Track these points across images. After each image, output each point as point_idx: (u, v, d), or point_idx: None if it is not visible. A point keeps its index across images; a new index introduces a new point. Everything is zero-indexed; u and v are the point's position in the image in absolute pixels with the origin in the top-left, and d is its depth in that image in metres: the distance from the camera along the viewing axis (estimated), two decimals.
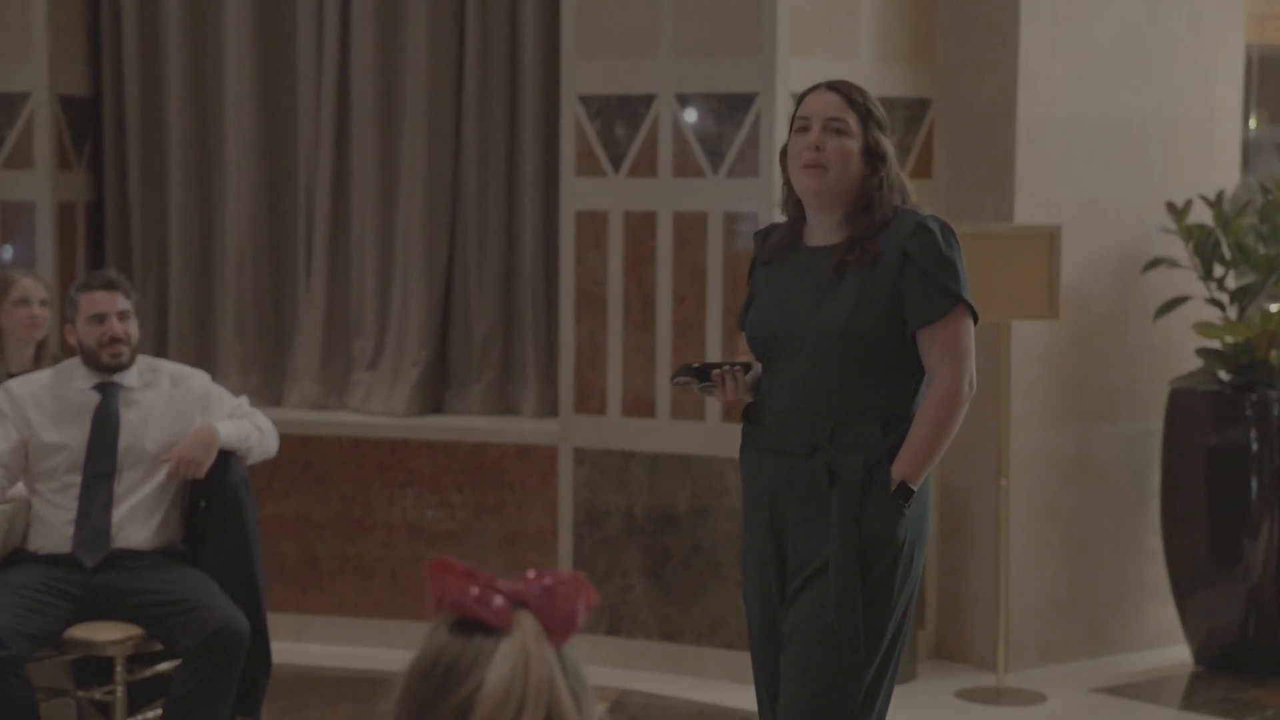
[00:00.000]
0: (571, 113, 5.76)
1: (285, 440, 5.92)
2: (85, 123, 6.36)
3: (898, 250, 3.34)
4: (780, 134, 5.53)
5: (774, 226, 3.58)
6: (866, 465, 3.32)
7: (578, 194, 5.76)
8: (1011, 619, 5.70)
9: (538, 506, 5.87)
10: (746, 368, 3.46)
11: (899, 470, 3.33)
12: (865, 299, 3.33)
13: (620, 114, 5.69)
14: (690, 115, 5.59)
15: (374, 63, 6.11)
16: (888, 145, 3.41)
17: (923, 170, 5.89)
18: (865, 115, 3.38)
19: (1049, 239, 5.51)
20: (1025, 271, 5.51)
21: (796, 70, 5.54)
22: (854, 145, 3.37)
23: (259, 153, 6.26)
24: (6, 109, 6.15)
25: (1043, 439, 5.86)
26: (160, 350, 6.31)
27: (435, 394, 6.19)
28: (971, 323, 3.39)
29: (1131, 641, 6.05)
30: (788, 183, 3.46)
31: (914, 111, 5.85)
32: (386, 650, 5.87)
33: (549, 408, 6.01)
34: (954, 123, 5.87)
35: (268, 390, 6.31)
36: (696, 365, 3.46)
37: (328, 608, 6.01)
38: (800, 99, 3.46)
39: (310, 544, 6.06)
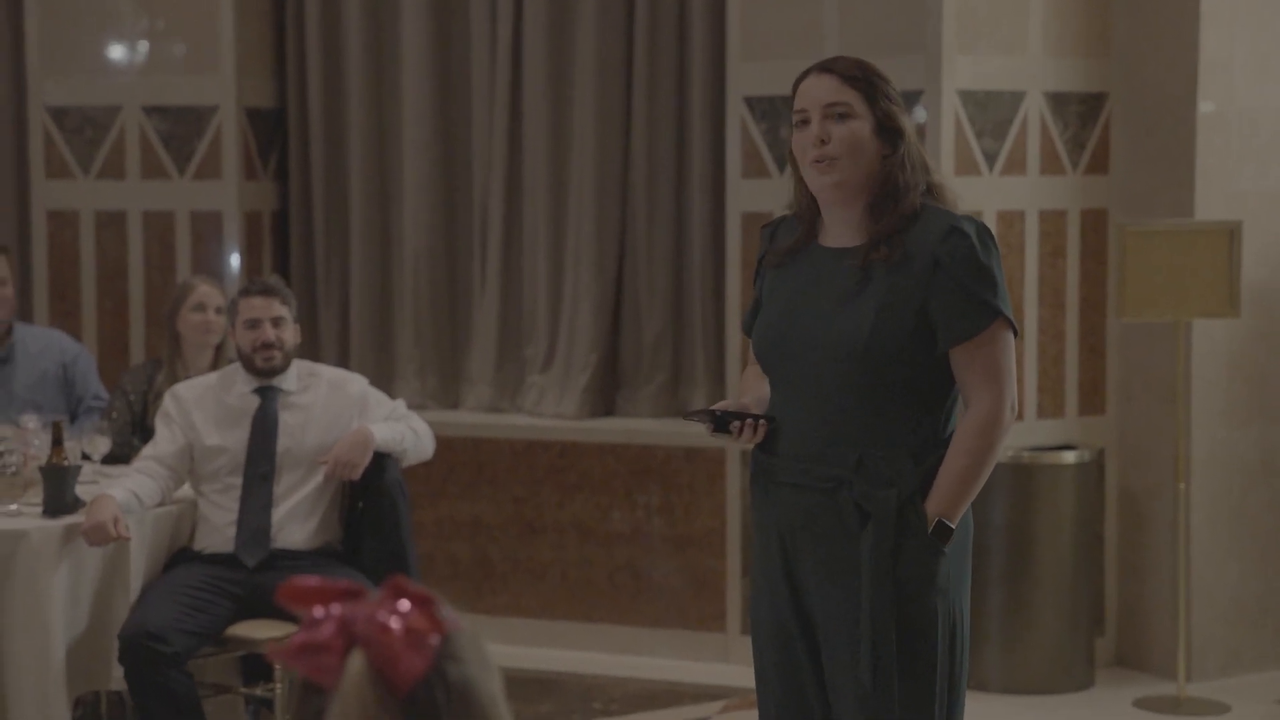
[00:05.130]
0: (737, 115, 5.75)
1: (459, 443, 6.05)
2: (271, 134, 6.55)
3: (929, 255, 2.97)
4: (946, 131, 5.45)
5: (783, 220, 3.18)
6: (900, 502, 2.96)
7: (744, 195, 5.75)
8: (1194, 626, 5.54)
9: (706, 509, 5.87)
10: (771, 419, 3.09)
11: (935, 507, 2.96)
12: (891, 308, 2.97)
13: (785, 115, 5.64)
14: None
15: (545, 72, 6.18)
16: (903, 119, 3.03)
17: (1099, 166, 5.75)
18: (869, 90, 3.01)
19: (1229, 235, 5.34)
20: (1205, 268, 5.35)
21: (963, 67, 5.46)
22: (862, 127, 3.00)
23: (435, 162, 6.38)
24: (196, 121, 6.35)
25: (1225, 440, 5.67)
26: (341, 354, 6.48)
27: (606, 397, 6.23)
28: (1012, 339, 3.03)
29: None
30: (799, 180, 3.09)
31: (1089, 106, 5.71)
32: (557, 651, 5.93)
33: None
34: (1131, 116, 5.72)
35: (444, 393, 6.43)
36: (718, 413, 3.09)
37: (500, 609, 6.08)
38: (795, 88, 3.09)
39: (483, 546, 6.14)
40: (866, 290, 3.00)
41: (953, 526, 2.99)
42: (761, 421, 3.08)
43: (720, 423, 3.08)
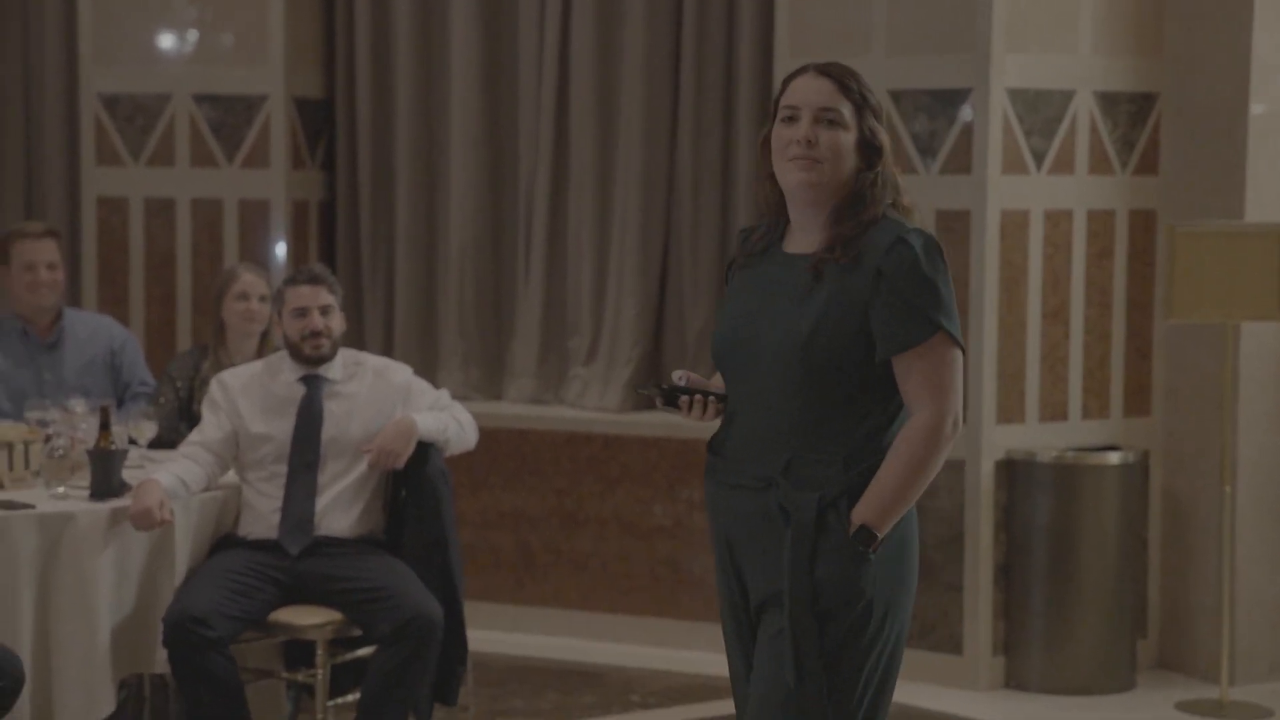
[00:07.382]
0: None
1: (503, 434, 6.07)
2: (319, 124, 6.58)
3: (874, 264, 2.97)
4: (995, 130, 5.43)
5: (759, 226, 3.18)
6: (820, 505, 2.94)
7: None
8: (1238, 629, 5.51)
9: None
10: (724, 398, 3.08)
11: (861, 513, 2.94)
12: (834, 309, 2.97)
13: None
14: (905, 112, 5.53)
15: (592, 66, 6.20)
16: (884, 137, 3.05)
17: (1149, 167, 5.73)
18: (860, 104, 3.02)
19: (1279, 238, 5.31)
20: (1254, 271, 5.32)
21: (1012, 66, 5.44)
22: (848, 138, 3.01)
23: (481, 154, 6.40)
24: (245, 111, 6.39)
25: (1272, 443, 5.64)
26: (386, 343, 6.50)
27: None
28: (957, 354, 2.98)
29: None
30: (769, 177, 3.08)
31: (1140, 106, 5.68)
32: (597, 643, 5.95)
33: None
34: (1182, 117, 5.69)
35: (488, 385, 6.46)
36: (665, 386, 3.09)
37: (541, 600, 6.11)
38: (785, 83, 3.08)
39: (525, 536, 6.16)
40: (815, 292, 3.00)
41: (877, 534, 2.95)
42: (712, 399, 3.07)
43: (668, 397, 3.08)
